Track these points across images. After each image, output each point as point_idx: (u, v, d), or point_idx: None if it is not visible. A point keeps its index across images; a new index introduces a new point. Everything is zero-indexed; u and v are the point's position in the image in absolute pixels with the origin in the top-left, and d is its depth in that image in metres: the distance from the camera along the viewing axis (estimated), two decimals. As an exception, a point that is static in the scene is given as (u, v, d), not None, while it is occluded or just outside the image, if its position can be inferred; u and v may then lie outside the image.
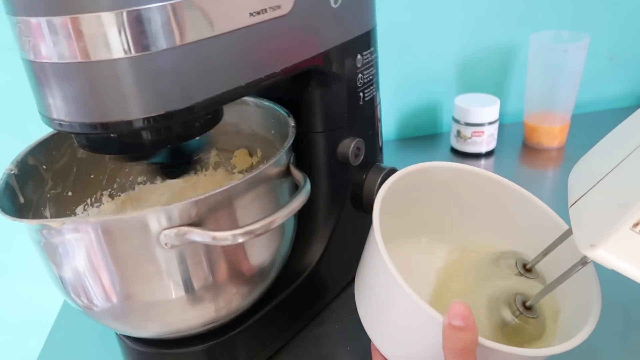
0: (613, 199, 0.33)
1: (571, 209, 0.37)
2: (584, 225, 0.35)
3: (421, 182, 0.49)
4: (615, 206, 0.32)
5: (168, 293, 0.42)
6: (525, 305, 0.41)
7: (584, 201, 0.36)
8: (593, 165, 0.39)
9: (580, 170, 0.40)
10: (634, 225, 0.31)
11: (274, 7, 0.40)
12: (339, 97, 0.53)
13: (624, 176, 0.34)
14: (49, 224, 0.38)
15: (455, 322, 0.34)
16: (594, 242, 0.32)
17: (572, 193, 0.38)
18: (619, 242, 0.32)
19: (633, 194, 0.32)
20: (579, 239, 0.34)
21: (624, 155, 0.35)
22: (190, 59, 0.36)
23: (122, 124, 0.36)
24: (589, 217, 0.35)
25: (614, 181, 0.35)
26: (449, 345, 0.34)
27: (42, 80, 0.36)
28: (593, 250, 0.32)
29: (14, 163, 0.46)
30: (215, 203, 0.41)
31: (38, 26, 0.33)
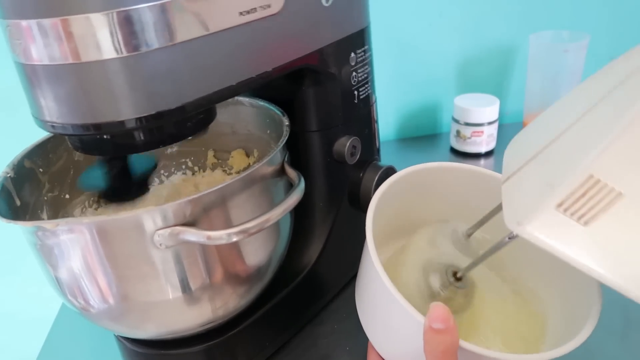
0: (543, 177, 0.33)
1: (503, 185, 0.37)
2: (513, 203, 0.35)
3: (415, 184, 0.49)
4: (543, 185, 0.32)
5: (165, 293, 0.42)
6: (455, 276, 0.42)
7: (515, 178, 0.36)
8: (528, 141, 0.38)
9: (516, 146, 0.40)
10: (558, 205, 0.31)
11: (264, 6, 0.40)
12: (334, 96, 0.53)
13: (555, 155, 0.34)
14: (43, 226, 0.38)
15: (436, 325, 0.34)
16: (521, 220, 0.32)
17: (506, 169, 0.38)
18: (544, 221, 0.32)
19: (560, 174, 0.32)
20: (507, 216, 0.34)
21: (558, 134, 0.35)
22: (181, 58, 0.36)
23: (114, 124, 0.36)
24: (519, 194, 0.35)
25: (545, 159, 0.35)
26: (430, 349, 0.34)
27: (34, 83, 0.36)
28: (520, 227, 0.32)
29: (10, 166, 0.46)
30: (209, 202, 0.41)
31: (28, 29, 0.33)
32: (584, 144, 0.32)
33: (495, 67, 1.03)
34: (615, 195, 0.30)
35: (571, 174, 0.31)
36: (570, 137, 0.34)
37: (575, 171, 0.30)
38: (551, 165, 0.34)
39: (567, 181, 0.31)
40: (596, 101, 0.33)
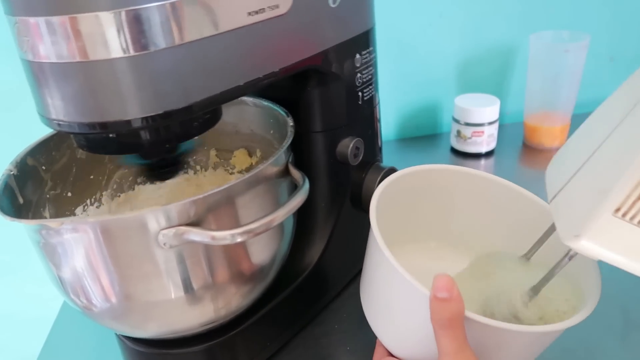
0: (592, 186, 0.33)
1: (551, 203, 0.37)
2: (565, 217, 0.34)
3: (419, 185, 0.49)
4: (594, 193, 0.32)
5: (167, 293, 0.42)
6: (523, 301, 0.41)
7: (563, 194, 0.36)
8: (568, 158, 0.38)
9: (557, 165, 0.39)
10: (615, 211, 0.30)
11: (272, 7, 0.40)
12: (338, 97, 0.53)
13: (600, 163, 0.33)
14: (47, 224, 0.38)
15: (441, 295, 0.34)
16: (577, 232, 0.32)
17: (551, 188, 0.38)
18: (601, 230, 0.31)
19: (611, 179, 0.31)
20: (561, 231, 0.34)
21: (599, 143, 0.34)
22: (188, 58, 0.36)
23: (121, 123, 0.36)
24: (569, 208, 0.34)
25: (590, 170, 0.34)
26: (436, 318, 0.35)
27: (41, 80, 0.36)
28: (577, 241, 0.32)
29: (13, 164, 0.46)
30: (213, 203, 0.41)
31: (36, 26, 0.33)
32: (629, 146, 0.31)
33: (495, 67, 1.03)
34: None
35: (624, 176, 0.30)
36: (612, 143, 0.33)
37: (628, 172, 0.30)
38: (599, 174, 0.33)
39: (621, 183, 0.30)
40: (632, 105, 0.33)
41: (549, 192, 0.38)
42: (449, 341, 0.34)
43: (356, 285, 0.65)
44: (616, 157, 0.32)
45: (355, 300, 0.63)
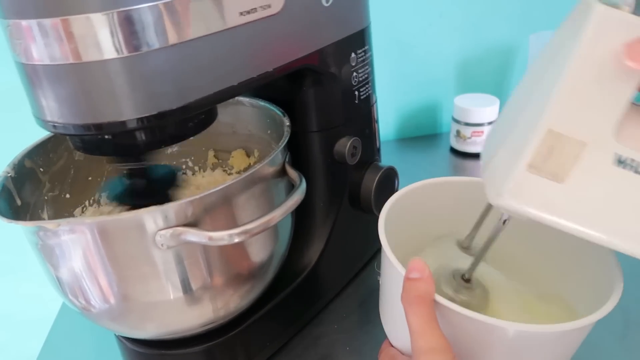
0: (511, 151, 0.34)
1: (482, 173, 0.38)
2: (491, 181, 0.36)
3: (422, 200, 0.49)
4: (512, 156, 0.33)
5: (165, 294, 0.42)
6: (464, 278, 0.42)
7: (491, 163, 0.37)
8: (496, 133, 0.40)
9: (488, 142, 0.41)
10: (529, 167, 0.32)
11: (264, 7, 0.40)
12: (334, 96, 0.53)
13: (518, 128, 0.35)
14: (44, 226, 0.38)
15: (412, 275, 0.36)
16: (499, 191, 0.33)
17: (483, 161, 0.39)
18: (519, 186, 0.32)
19: (524, 138, 0.33)
20: (488, 193, 0.35)
21: (518, 112, 0.36)
22: (181, 58, 0.36)
23: (116, 124, 0.36)
24: (494, 172, 0.36)
25: (511, 137, 0.36)
26: (405, 296, 0.36)
27: (35, 83, 0.36)
28: (499, 199, 0.33)
29: (11, 166, 0.46)
30: (210, 203, 0.41)
31: (29, 29, 0.33)
32: (538, 110, 0.33)
33: (495, 67, 1.03)
34: (580, 146, 0.32)
35: (532, 133, 0.32)
36: (527, 112, 0.35)
37: (535, 129, 0.32)
38: (516, 137, 0.35)
39: (530, 140, 0.32)
40: (543, 72, 0.35)
41: (482, 164, 0.39)
42: (416, 318, 0.35)
43: (355, 285, 0.65)
44: (528, 120, 0.34)
45: (354, 300, 0.63)
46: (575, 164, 0.32)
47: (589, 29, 0.30)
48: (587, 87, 0.31)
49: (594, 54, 0.30)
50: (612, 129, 0.31)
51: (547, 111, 0.31)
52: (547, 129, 0.32)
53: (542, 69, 0.36)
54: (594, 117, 0.31)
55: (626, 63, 0.29)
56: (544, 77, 0.34)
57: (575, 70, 0.31)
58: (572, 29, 0.33)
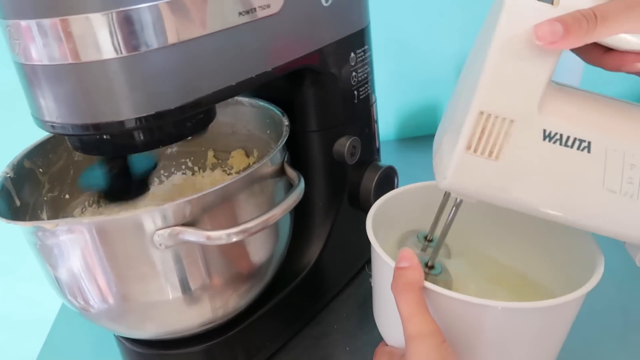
0: (453, 135, 0.36)
1: (433, 162, 0.40)
2: (438, 167, 0.38)
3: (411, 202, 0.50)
4: (453, 139, 0.36)
5: (164, 294, 0.43)
6: (427, 265, 0.43)
7: (438, 152, 0.39)
8: (442, 122, 0.42)
9: (438, 131, 0.43)
10: (467, 149, 0.35)
11: (264, 7, 0.40)
12: (334, 96, 0.53)
13: (458, 113, 0.37)
14: (43, 226, 0.38)
15: (401, 264, 0.38)
16: (444, 174, 0.36)
17: (434, 150, 0.41)
18: (461, 167, 0.35)
19: (460, 122, 0.35)
20: (436, 179, 0.38)
21: (458, 100, 0.38)
22: (180, 58, 0.36)
23: (114, 124, 0.36)
24: (441, 158, 0.38)
25: (451, 122, 0.38)
26: (394, 284, 0.37)
27: (34, 83, 0.36)
28: (445, 182, 0.36)
29: (10, 166, 0.46)
30: (209, 202, 0.41)
31: (28, 29, 0.33)
32: (469, 95, 0.35)
33: (495, 67, 1.03)
34: (509, 123, 0.34)
35: (466, 117, 0.34)
36: (462, 98, 0.37)
37: (468, 114, 0.34)
38: (455, 124, 0.37)
39: (466, 123, 0.34)
40: (472, 63, 0.37)
41: (433, 155, 0.41)
42: (405, 306, 0.36)
43: (355, 285, 0.65)
44: (463, 105, 0.36)
45: (354, 300, 0.63)
46: (507, 142, 0.34)
47: (503, 17, 0.33)
48: (508, 69, 0.34)
49: (510, 39, 0.33)
50: (536, 105, 0.34)
51: (476, 95, 0.34)
52: (478, 111, 0.34)
53: (473, 57, 0.38)
54: (518, 96, 0.34)
55: (536, 43, 0.32)
56: (474, 66, 0.36)
57: (496, 55, 0.33)
58: (492, 19, 0.35)
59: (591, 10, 0.31)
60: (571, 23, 0.31)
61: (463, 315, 0.37)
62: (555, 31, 0.31)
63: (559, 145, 0.35)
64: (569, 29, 0.31)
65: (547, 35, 0.32)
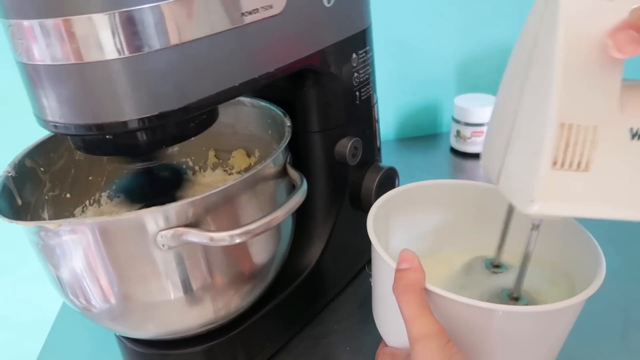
0: (525, 153, 0.35)
1: (499, 187, 0.38)
2: (515, 191, 0.36)
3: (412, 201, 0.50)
4: (530, 158, 0.34)
5: (166, 294, 0.42)
6: (513, 297, 0.41)
7: (504, 172, 0.37)
8: (495, 138, 0.40)
9: (488, 149, 0.41)
10: (553, 165, 0.32)
11: (266, 7, 0.40)
12: (335, 97, 0.53)
13: (522, 129, 0.35)
14: (45, 226, 0.38)
15: (402, 266, 0.37)
16: (530, 198, 0.33)
17: (492, 172, 0.40)
18: (549, 186, 0.33)
19: (537, 137, 0.33)
20: (518, 204, 0.35)
21: (514, 114, 0.36)
22: (183, 59, 0.36)
23: (117, 124, 0.36)
24: (515, 181, 0.36)
25: (517, 140, 0.36)
26: (396, 286, 0.37)
27: (36, 83, 0.36)
28: (533, 205, 0.33)
29: (11, 165, 0.46)
30: (212, 203, 0.41)
31: (30, 29, 0.33)
32: (539, 106, 0.33)
33: (495, 67, 1.03)
34: (593, 129, 0.32)
35: (546, 131, 0.32)
36: (525, 112, 0.35)
37: (547, 127, 0.32)
38: (526, 139, 0.35)
39: (547, 139, 0.32)
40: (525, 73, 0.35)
41: (492, 177, 0.40)
42: (408, 307, 0.36)
43: (356, 285, 0.65)
44: (533, 118, 0.34)
45: (355, 300, 0.63)
46: (594, 149, 0.32)
47: (562, 20, 0.31)
48: (581, 76, 0.32)
49: (576, 43, 0.31)
50: (617, 107, 0.32)
51: (552, 106, 0.32)
52: (558, 123, 0.32)
53: (522, 68, 0.36)
54: (596, 101, 0.32)
55: (614, 55, 0.31)
56: (531, 75, 0.35)
57: (564, 62, 0.31)
58: (543, 22, 0.33)
59: None
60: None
61: (465, 318, 0.37)
62: (634, 39, 0.30)
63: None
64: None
65: (627, 45, 0.30)
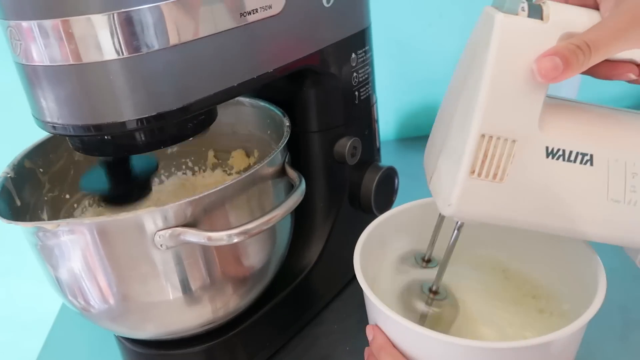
0: (452, 158, 0.36)
1: (430, 186, 0.40)
2: (439, 192, 0.38)
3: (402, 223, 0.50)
4: (454, 163, 0.35)
5: (165, 294, 0.43)
6: (432, 290, 0.43)
7: (435, 174, 0.39)
8: (434, 142, 0.42)
9: (428, 150, 0.43)
10: (471, 173, 0.34)
11: (265, 7, 0.40)
12: (334, 97, 0.53)
13: (452, 137, 0.37)
14: (44, 226, 0.38)
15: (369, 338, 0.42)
16: (448, 201, 0.35)
17: (428, 173, 0.41)
18: (466, 193, 0.35)
19: (461, 145, 0.34)
20: (439, 205, 0.37)
21: (449, 121, 0.38)
22: (181, 59, 0.36)
23: (115, 125, 0.36)
24: (439, 184, 0.38)
25: (447, 146, 0.38)
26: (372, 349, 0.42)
27: (35, 84, 0.36)
28: (449, 209, 0.35)
29: (10, 166, 0.46)
30: (210, 203, 0.41)
31: (29, 30, 0.33)
32: (467, 117, 0.35)
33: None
34: (511, 143, 0.34)
35: (467, 141, 0.34)
36: (456, 120, 0.37)
37: (469, 137, 0.34)
38: (453, 147, 0.36)
39: (466, 148, 0.34)
40: (462, 82, 0.37)
41: (427, 177, 0.41)
42: None
43: (356, 285, 0.65)
44: (460, 128, 0.36)
45: (355, 300, 0.63)
46: (510, 163, 0.34)
47: (495, 38, 0.33)
48: (506, 90, 0.33)
49: (505, 60, 0.33)
50: (537, 124, 0.34)
51: (476, 118, 0.33)
52: (480, 134, 0.34)
53: (462, 76, 0.38)
54: (518, 116, 0.34)
55: (538, 79, 0.33)
56: (466, 86, 0.36)
57: (493, 77, 0.33)
58: (482, 37, 0.35)
59: (583, 41, 0.32)
60: (569, 56, 0.32)
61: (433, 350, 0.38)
62: (557, 66, 0.32)
63: (562, 161, 0.35)
64: (568, 63, 0.32)
65: (550, 71, 0.32)
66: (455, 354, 0.37)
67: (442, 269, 0.42)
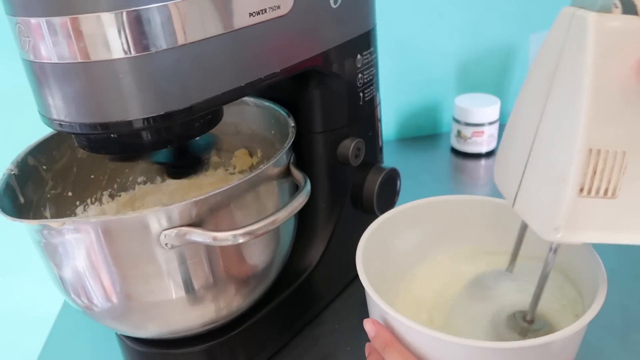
0: (547, 177, 0.33)
1: (515, 206, 0.37)
2: (536, 215, 0.35)
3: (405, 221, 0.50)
4: (554, 183, 0.33)
5: (168, 293, 0.42)
6: (526, 319, 0.41)
7: (522, 193, 0.36)
8: (511, 157, 0.39)
9: (502, 166, 0.40)
10: (580, 192, 0.31)
11: (274, 7, 0.40)
12: (339, 98, 0.53)
13: (544, 151, 0.34)
14: (49, 224, 0.38)
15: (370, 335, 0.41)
16: (555, 224, 0.32)
17: (507, 191, 0.38)
18: (575, 213, 0.32)
19: (563, 164, 0.32)
20: (539, 230, 0.34)
21: (533, 134, 0.35)
22: (189, 59, 0.36)
23: (122, 124, 0.36)
24: (536, 204, 0.35)
25: (537, 161, 0.35)
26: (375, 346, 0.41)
27: (42, 81, 0.36)
28: (558, 233, 0.32)
29: (14, 163, 0.46)
30: (215, 203, 0.41)
31: (38, 26, 0.33)
32: (564, 129, 0.32)
33: (495, 67, 1.03)
34: (622, 155, 0.31)
35: (574, 157, 0.31)
36: (545, 129, 0.34)
37: (574, 153, 0.31)
38: (548, 162, 0.34)
39: (574, 165, 0.31)
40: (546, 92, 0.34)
41: (506, 196, 0.39)
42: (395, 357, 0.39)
43: (357, 286, 0.65)
44: (557, 142, 0.33)
45: (356, 300, 0.63)
46: (622, 175, 0.31)
47: (591, 41, 0.30)
48: (611, 100, 0.30)
49: (607, 67, 0.30)
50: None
51: (581, 131, 0.31)
52: (587, 149, 0.31)
53: (543, 87, 0.35)
54: (626, 126, 0.31)
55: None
56: (554, 97, 0.33)
57: (594, 85, 0.30)
58: (568, 42, 0.32)
59: None
60: None
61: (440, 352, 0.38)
62: None
63: None
64: None
65: None
66: (457, 354, 0.37)
67: (536, 299, 0.39)
